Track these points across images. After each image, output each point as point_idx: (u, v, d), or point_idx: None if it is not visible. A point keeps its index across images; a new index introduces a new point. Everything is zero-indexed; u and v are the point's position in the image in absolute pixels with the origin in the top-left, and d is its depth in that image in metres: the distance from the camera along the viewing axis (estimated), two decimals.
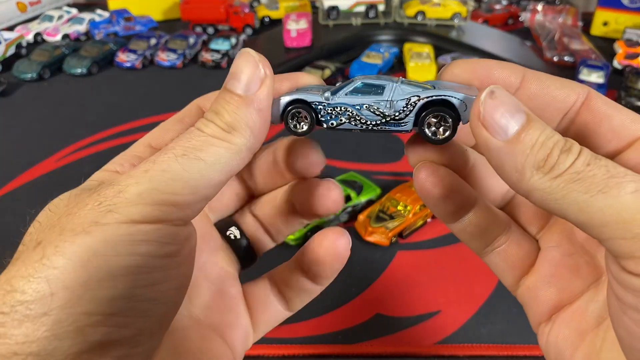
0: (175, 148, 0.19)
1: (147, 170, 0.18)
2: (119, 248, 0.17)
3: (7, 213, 0.61)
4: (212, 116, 0.20)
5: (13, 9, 1.26)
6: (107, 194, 0.18)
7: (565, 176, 0.17)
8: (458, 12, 1.11)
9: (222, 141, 0.19)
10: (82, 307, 0.16)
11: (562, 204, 0.17)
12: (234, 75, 0.20)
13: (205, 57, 1.04)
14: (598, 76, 0.91)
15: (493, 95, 0.18)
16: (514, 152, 0.17)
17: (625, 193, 0.16)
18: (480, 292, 0.50)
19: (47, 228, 0.19)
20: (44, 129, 0.82)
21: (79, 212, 0.18)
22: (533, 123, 0.18)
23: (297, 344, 0.45)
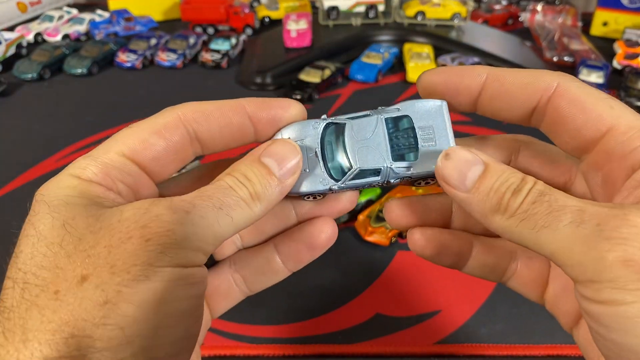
0: (213, 199, 0.20)
1: (189, 212, 0.19)
2: (177, 292, 0.18)
3: (7, 213, 0.61)
4: (245, 181, 0.21)
5: (13, 9, 1.26)
6: (154, 229, 0.18)
7: (517, 215, 0.19)
8: (458, 13, 1.11)
9: (247, 207, 0.21)
10: (153, 353, 0.17)
11: (521, 239, 0.19)
12: (277, 158, 0.22)
13: (205, 57, 1.04)
14: (598, 76, 0.91)
15: (448, 157, 0.21)
16: (475, 201, 0.20)
17: (562, 225, 0.17)
18: (480, 292, 0.50)
19: (83, 258, 0.17)
20: (44, 129, 0.82)
21: (125, 247, 0.17)
22: (489, 172, 0.20)
23: (297, 344, 0.45)
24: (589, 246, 0.17)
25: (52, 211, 0.19)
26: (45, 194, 0.20)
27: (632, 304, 0.16)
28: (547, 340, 0.45)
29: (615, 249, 0.16)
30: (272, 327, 0.46)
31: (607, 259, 0.16)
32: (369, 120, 0.24)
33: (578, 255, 0.17)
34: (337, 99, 0.91)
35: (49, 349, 0.16)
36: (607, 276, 0.16)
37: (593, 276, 0.17)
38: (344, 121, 0.24)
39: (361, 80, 0.96)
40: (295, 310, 0.48)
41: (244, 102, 0.24)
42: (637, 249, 0.16)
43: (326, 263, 0.54)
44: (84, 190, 0.20)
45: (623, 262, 0.16)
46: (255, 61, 1.03)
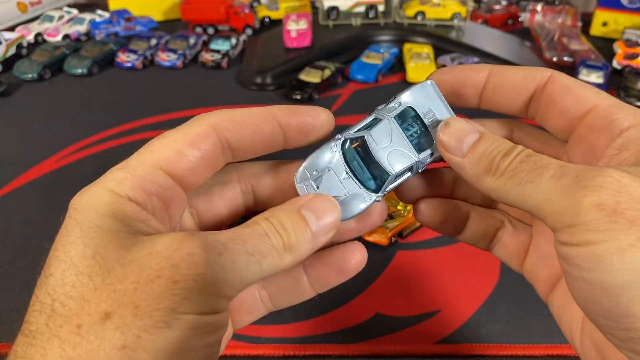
0: (247, 244, 0.20)
1: (221, 254, 0.19)
2: (195, 342, 0.18)
3: (7, 213, 0.61)
4: (281, 230, 0.21)
5: (13, 10, 1.26)
6: (183, 271, 0.18)
7: (506, 174, 0.21)
8: (458, 13, 1.11)
9: (278, 256, 0.21)
10: None
11: (508, 196, 0.21)
12: (316, 213, 0.22)
13: (205, 58, 1.04)
14: (597, 76, 0.91)
15: (448, 125, 0.23)
16: (470, 163, 0.22)
17: (545, 179, 0.19)
18: (480, 292, 0.50)
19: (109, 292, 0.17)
20: (45, 129, 0.82)
21: (152, 286, 0.17)
22: (483, 139, 0.22)
23: (297, 344, 0.45)
24: (567, 194, 0.18)
25: (84, 236, 0.18)
26: (78, 208, 0.19)
27: (602, 243, 0.17)
28: (547, 340, 0.45)
29: (590, 195, 0.18)
30: (272, 327, 0.46)
31: (582, 204, 0.18)
32: (383, 125, 0.24)
33: (558, 204, 0.19)
34: (337, 99, 0.91)
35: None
36: (582, 219, 0.18)
37: (570, 221, 0.18)
38: (361, 134, 0.24)
39: (361, 80, 0.96)
40: (295, 310, 0.48)
41: (275, 109, 0.24)
42: (610, 195, 0.17)
43: None
44: (117, 209, 0.19)
45: (596, 206, 0.17)
46: (255, 61, 1.03)
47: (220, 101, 0.91)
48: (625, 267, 0.17)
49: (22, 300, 0.55)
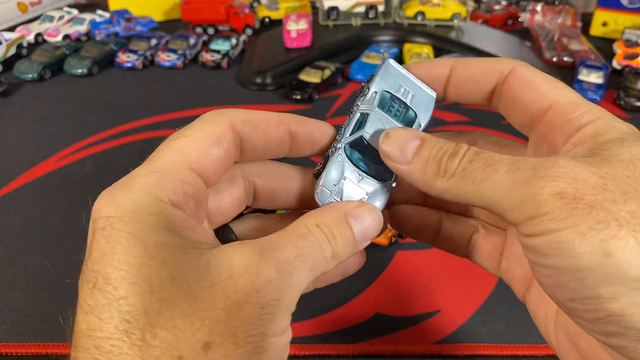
0: (309, 261, 0.20)
1: (292, 276, 0.19)
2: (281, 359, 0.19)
3: (8, 213, 0.61)
4: (332, 239, 0.21)
5: (14, 10, 1.26)
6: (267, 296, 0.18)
7: (457, 174, 0.21)
8: (457, 13, 1.11)
9: (327, 264, 0.21)
10: None
11: (462, 196, 0.21)
12: (364, 225, 0.23)
13: (205, 58, 1.04)
14: (597, 76, 0.91)
15: (388, 136, 0.23)
16: (417, 169, 0.22)
17: (500, 175, 0.19)
18: (480, 292, 0.50)
19: (203, 321, 0.17)
20: (45, 129, 0.82)
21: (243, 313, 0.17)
22: (425, 143, 0.22)
23: (297, 344, 0.45)
24: (525, 187, 0.19)
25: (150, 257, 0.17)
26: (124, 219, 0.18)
27: (564, 230, 0.17)
28: None
29: (549, 185, 0.18)
30: None
31: (542, 195, 0.18)
32: (372, 118, 0.25)
33: (516, 197, 0.19)
34: (337, 99, 0.91)
35: None
36: (543, 210, 0.18)
37: (531, 213, 0.18)
38: (358, 135, 0.25)
39: (361, 80, 0.96)
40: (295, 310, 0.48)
41: (287, 117, 0.24)
42: (567, 184, 0.18)
43: None
44: (165, 219, 0.18)
45: (556, 195, 0.18)
46: (255, 61, 1.03)
47: (221, 101, 0.91)
48: (587, 250, 0.17)
49: (23, 300, 0.55)
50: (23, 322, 0.46)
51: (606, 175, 0.18)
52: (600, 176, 0.18)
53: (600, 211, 0.17)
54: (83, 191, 0.65)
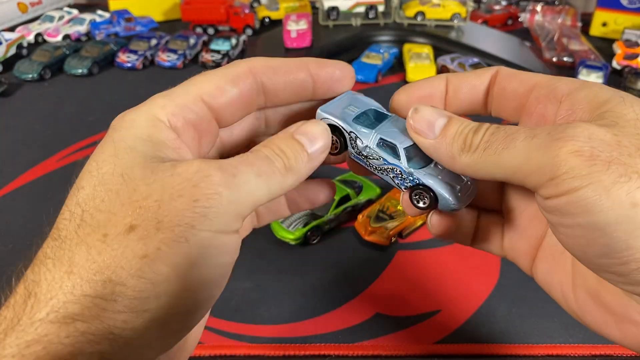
0: (255, 166, 0.21)
1: (235, 175, 0.20)
2: (210, 260, 0.19)
3: (8, 213, 0.61)
4: (281, 154, 0.23)
5: (14, 10, 1.26)
6: (203, 190, 0.19)
7: (480, 147, 0.22)
8: (457, 13, 1.11)
9: (281, 177, 0.22)
10: (176, 309, 0.19)
11: (485, 168, 0.22)
12: (310, 137, 0.24)
13: (205, 58, 1.04)
14: (597, 76, 0.91)
15: (416, 111, 0.24)
16: (443, 144, 0.23)
17: (518, 142, 0.20)
18: (480, 292, 0.50)
19: (135, 208, 0.19)
20: (45, 129, 0.82)
21: (174, 204, 0.19)
22: (452, 121, 0.23)
23: (297, 344, 0.45)
24: (544, 150, 0.19)
25: (115, 155, 0.20)
26: (117, 128, 0.22)
27: (588, 187, 0.18)
28: (547, 340, 0.45)
29: (566, 145, 0.19)
30: (272, 327, 0.46)
31: (560, 155, 0.19)
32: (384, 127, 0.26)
33: (536, 161, 0.19)
34: None
35: (88, 286, 0.18)
36: (562, 169, 0.19)
37: (551, 174, 0.19)
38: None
39: (361, 80, 0.96)
40: (295, 310, 0.48)
41: (307, 60, 0.26)
42: (583, 143, 0.19)
43: (326, 263, 0.54)
44: (154, 134, 0.21)
45: (573, 154, 0.18)
46: None
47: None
48: (614, 204, 0.18)
49: None
50: None
51: (619, 133, 0.19)
52: (614, 134, 0.19)
53: (619, 166, 0.18)
54: None
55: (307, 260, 0.54)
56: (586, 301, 0.23)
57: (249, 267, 0.52)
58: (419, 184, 0.25)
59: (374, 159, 0.26)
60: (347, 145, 0.26)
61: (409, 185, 0.26)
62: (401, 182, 0.26)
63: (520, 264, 0.28)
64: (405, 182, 0.26)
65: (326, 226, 0.57)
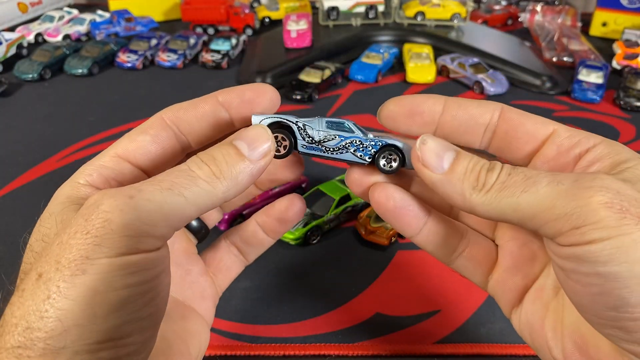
0: (163, 181, 0.21)
1: (132, 197, 0.20)
2: (114, 283, 0.19)
3: (8, 213, 0.61)
4: (209, 161, 0.22)
5: (14, 10, 1.27)
6: (93, 221, 0.19)
7: (495, 187, 0.21)
8: (457, 13, 1.11)
9: (207, 184, 0.21)
10: (93, 338, 0.19)
11: (499, 209, 0.21)
12: (248, 141, 0.23)
13: (205, 58, 1.05)
14: (597, 76, 0.91)
15: (425, 142, 0.23)
16: (453, 180, 0.22)
17: (541, 187, 0.20)
18: (480, 292, 0.50)
19: (43, 257, 0.20)
20: (45, 129, 0.82)
21: (70, 242, 0.19)
22: (461, 156, 0.23)
23: (297, 344, 0.45)
24: (571, 197, 0.19)
25: (39, 225, 0.22)
26: (48, 204, 0.23)
27: (617, 237, 0.18)
28: None
29: (596, 195, 0.19)
30: (272, 327, 0.46)
31: (591, 204, 0.19)
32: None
33: (561, 207, 0.19)
34: (337, 99, 0.91)
35: (13, 339, 0.19)
36: (592, 219, 0.18)
37: (579, 222, 0.19)
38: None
39: (361, 80, 0.96)
40: (295, 310, 0.48)
41: (217, 92, 0.26)
42: (614, 195, 0.19)
43: (326, 263, 0.54)
44: (71, 194, 0.23)
45: (605, 205, 0.18)
46: (255, 61, 1.03)
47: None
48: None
49: None
50: None
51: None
52: (638, 191, 0.19)
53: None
54: None
55: (307, 260, 0.54)
56: (573, 353, 0.23)
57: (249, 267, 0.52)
58: (383, 145, 0.25)
59: (330, 140, 0.25)
60: (297, 139, 0.25)
61: (373, 152, 0.25)
62: (364, 152, 0.25)
63: (503, 301, 0.27)
64: (368, 149, 0.25)
65: (326, 226, 0.57)
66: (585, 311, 0.20)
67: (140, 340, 0.21)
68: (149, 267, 0.20)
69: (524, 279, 0.26)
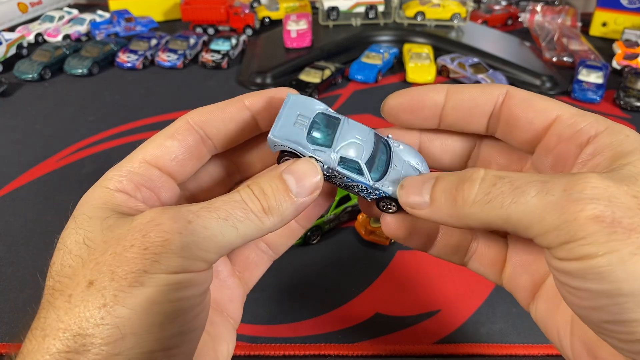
0: (220, 210, 0.21)
1: (191, 222, 0.21)
2: (169, 295, 0.20)
3: (8, 213, 0.61)
4: (260, 195, 0.22)
5: (14, 10, 1.27)
6: (152, 239, 0.20)
7: (479, 200, 0.20)
8: (457, 13, 1.11)
9: (258, 220, 0.22)
10: (147, 347, 0.20)
11: (490, 221, 0.20)
12: (297, 176, 0.23)
13: (205, 58, 1.05)
14: (597, 76, 0.91)
15: (402, 187, 0.24)
16: (438, 208, 0.22)
17: (530, 197, 0.19)
18: (480, 292, 0.50)
19: (93, 265, 0.20)
20: (45, 129, 0.82)
21: (126, 255, 0.20)
22: (438, 181, 0.22)
23: (297, 344, 0.45)
24: (560, 211, 0.18)
25: (77, 227, 0.22)
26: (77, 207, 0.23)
27: (605, 255, 0.17)
28: (546, 340, 0.44)
29: (585, 209, 0.18)
30: (272, 327, 0.46)
31: (579, 219, 0.18)
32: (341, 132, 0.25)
33: (550, 221, 0.18)
34: (337, 99, 0.91)
35: (60, 344, 0.19)
36: (580, 234, 0.18)
37: (568, 237, 0.18)
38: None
39: (361, 80, 0.96)
40: (295, 310, 0.48)
41: (243, 96, 0.26)
42: (604, 207, 0.18)
43: (326, 263, 0.54)
44: (107, 199, 0.23)
45: (594, 219, 0.18)
46: (255, 61, 1.03)
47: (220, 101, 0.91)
48: (629, 277, 0.17)
49: (22, 300, 0.55)
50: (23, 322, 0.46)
51: (638, 194, 0.18)
52: (634, 195, 0.18)
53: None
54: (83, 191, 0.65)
55: (307, 260, 0.54)
56: (582, 353, 0.23)
57: None
58: (384, 196, 0.25)
59: (337, 178, 0.25)
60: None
61: (375, 198, 0.26)
62: (367, 195, 0.25)
63: (518, 297, 0.27)
64: (371, 195, 0.25)
65: (326, 226, 0.57)
66: (582, 319, 0.20)
67: (186, 351, 0.22)
68: (198, 284, 0.21)
69: (533, 277, 0.25)
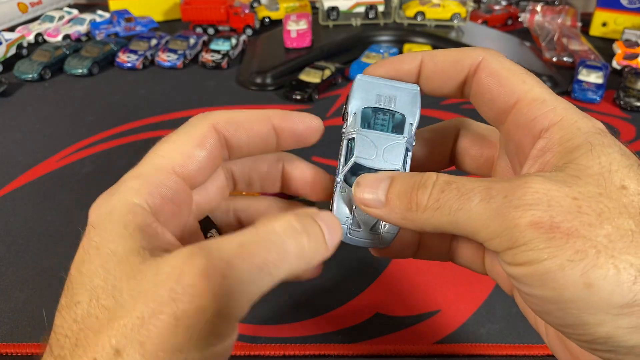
0: (255, 257, 0.19)
1: (226, 277, 0.18)
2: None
3: (8, 213, 0.61)
4: (301, 237, 0.20)
5: (14, 10, 1.27)
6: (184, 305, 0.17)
7: (429, 207, 0.20)
8: (457, 13, 1.11)
9: (292, 264, 0.20)
10: None
11: (441, 227, 0.20)
12: (329, 227, 0.22)
13: (205, 58, 1.05)
14: (597, 76, 0.91)
15: (358, 184, 0.23)
16: (390, 210, 0.22)
17: (474, 204, 0.19)
18: (480, 292, 0.50)
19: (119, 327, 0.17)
20: (45, 129, 0.82)
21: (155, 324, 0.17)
22: (393, 182, 0.22)
23: (297, 344, 0.45)
24: (501, 218, 0.19)
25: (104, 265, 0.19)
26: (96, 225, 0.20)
27: (543, 262, 0.18)
28: None
29: (524, 215, 0.18)
30: (272, 327, 0.46)
31: (519, 226, 0.18)
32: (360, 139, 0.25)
33: (494, 228, 0.19)
34: (337, 100, 0.91)
35: None
36: (520, 241, 0.18)
37: (509, 244, 0.18)
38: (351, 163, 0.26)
39: None
40: (295, 310, 0.48)
41: (270, 113, 0.25)
42: (542, 212, 0.18)
43: (326, 263, 0.54)
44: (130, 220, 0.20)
45: (532, 226, 0.18)
46: (255, 61, 1.03)
47: (220, 101, 0.91)
48: (568, 283, 0.17)
49: (23, 300, 0.55)
50: (23, 322, 0.46)
51: (579, 196, 0.18)
52: (574, 197, 0.18)
53: (578, 239, 0.17)
54: (83, 191, 0.65)
55: None
56: (554, 340, 0.23)
57: None
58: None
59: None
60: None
61: None
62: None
63: (500, 285, 0.27)
64: None
65: None
66: (543, 320, 0.21)
67: None
68: (229, 351, 0.19)
69: None
